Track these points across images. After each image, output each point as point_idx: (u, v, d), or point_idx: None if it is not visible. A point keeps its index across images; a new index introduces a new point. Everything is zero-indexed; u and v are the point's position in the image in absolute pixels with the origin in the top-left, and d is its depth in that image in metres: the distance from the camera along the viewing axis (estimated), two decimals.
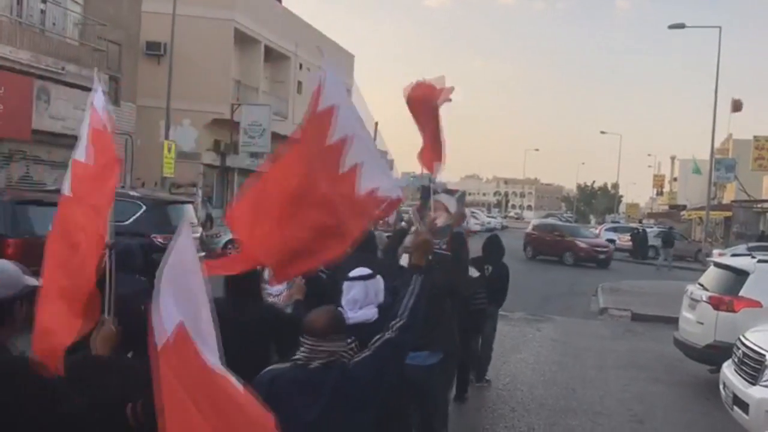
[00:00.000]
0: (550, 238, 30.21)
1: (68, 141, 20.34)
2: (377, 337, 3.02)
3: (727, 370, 7.18)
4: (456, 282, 5.47)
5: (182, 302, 2.20)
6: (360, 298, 3.97)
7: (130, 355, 3.25)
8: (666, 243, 30.08)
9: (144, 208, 13.18)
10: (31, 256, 9.71)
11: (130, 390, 2.50)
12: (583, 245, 29.22)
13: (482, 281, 7.36)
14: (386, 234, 8.05)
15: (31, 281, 2.68)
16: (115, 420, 2.45)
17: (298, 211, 3.10)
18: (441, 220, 5.45)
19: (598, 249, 29.45)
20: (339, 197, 3.14)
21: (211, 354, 2.22)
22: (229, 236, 18.45)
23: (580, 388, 8.90)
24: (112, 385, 2.65)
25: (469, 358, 7.54)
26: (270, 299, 4.85)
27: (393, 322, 3.01)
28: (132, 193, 14.68)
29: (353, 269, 4.09)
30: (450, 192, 6.91)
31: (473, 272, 6.62)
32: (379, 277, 4.14)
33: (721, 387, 7.29)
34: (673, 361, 10.37)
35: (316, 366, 2.82)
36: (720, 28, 31.33)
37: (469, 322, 6.78)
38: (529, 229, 32.98)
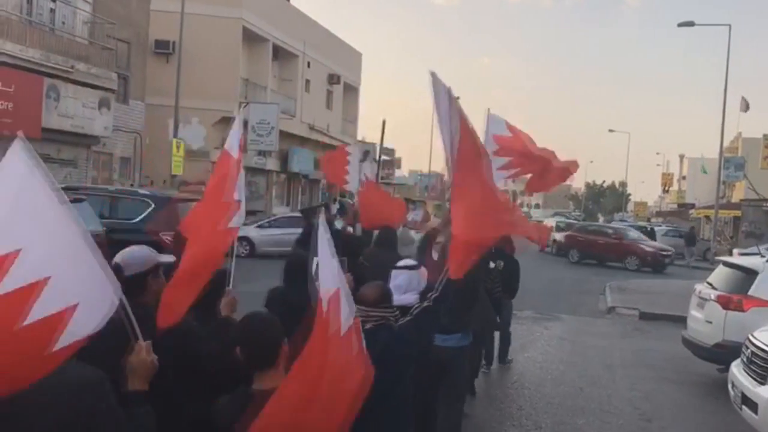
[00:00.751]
0: (604, 241, 28.39)
1: (77, 139, 20.56)
2: (417, 305, 3.86)
3: (736, 369, 7.15)
4: (481, 273, 6.13)
5: (331, 274, 2.73)
6: (404, 285, 4.51)
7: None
8: (689, 242, 30.02)
9: (153, 206, 13.24)
10: None
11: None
12: (649, 249, 27.57)
13: (496, 273, 8.03)
14: (412, 230, 8.58)
15: (165, 258, 3.28)
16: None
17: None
18: (443, 237, 5.85)
19: (664, 253, 27.96)
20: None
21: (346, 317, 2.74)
22: (240, 234, 18.48)
23: (587, 386, 8.89)
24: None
25: (485, 346, 8.28)
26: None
27: (430, 294, 3.85)
28: (141, 191, 14.76)
29: (376, 262, 4.87)
30: None
31: (490, 265, 7.35)
32: (423, 268, 4.71)
33: (729, 386, 7.27)
34: (681, 360, 10.34)
35: (369, 327, 3.38)
36: (730, 26, 31.19)
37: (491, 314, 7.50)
38: (571, 231, 31.07)
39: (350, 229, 8.95)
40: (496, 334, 9.03)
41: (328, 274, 2.75)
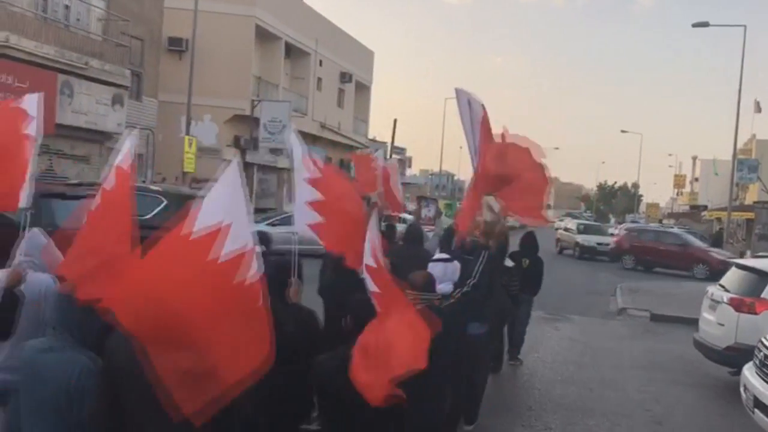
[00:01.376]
0: (666, 248, 26.76)
1: (91, 135, 20.67)
2: (458, 290, 4.66)
3: (748, 372, 7.10)
4: (498, 268, 6.57)
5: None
6: (439, 276, 4.91)
7: None
8: (716, 244, 29.95)
9: (165, 202, 13.28)
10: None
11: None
12: (719, 257, 24.90)
13: (515, 271, 8.48)
14: (425, 226, 9.36)
15: None
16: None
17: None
18: (488, 217, 6.45)
19: (731, 261, 26.16)
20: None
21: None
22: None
23: (598, 388, 8.86)
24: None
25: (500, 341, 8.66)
26: None
27: (468, 280, 4.63)
28: (153, 187, 14.81)
29: (404, 256, 5.45)
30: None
31: (508, 262, 7.80)
32: (456, 262, 5.24)
33: (741, 389, 7.22)
34: (692, 363, 10.29)
35: (418, 308, 3.85)
36: (745, 26, 30.99)
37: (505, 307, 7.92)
38: (624, 234, 29.80)
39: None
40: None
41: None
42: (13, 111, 4.21)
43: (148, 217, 12.72)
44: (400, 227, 10.51)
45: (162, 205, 13.24)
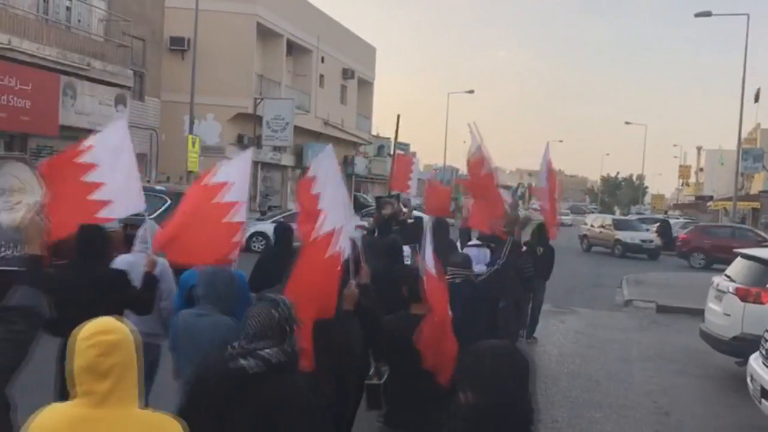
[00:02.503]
0: (740, 245, 23.41)
1: None
2: (489, 268, 5.81)
3: (755, 362, 7.09)
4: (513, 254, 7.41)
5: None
6: (474, 258, 5.64)
7: None
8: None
9: (169, 202, 13.32)
10: (58, 249, 9.92)
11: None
12: None
13: (529, 256, 9.22)
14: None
15: None
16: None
17: None
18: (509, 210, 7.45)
19: None
20: None
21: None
22: (254, 229, 18.57)
23: (604, 380, 8.85)
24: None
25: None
26: None
27: (498, 260, 5.73)
28: (157, 187, 14.85)
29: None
30: (506, 187, 9.10)
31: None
32: (485, 248, 6.52)
33: (748, 379, 7.22)
34: (699, 354, 10.27)
35: (458, 281, 4.98)
36: (748, 15, 30.76)
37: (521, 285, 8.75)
38: (692, 231, 28.05)
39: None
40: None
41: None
42: (207, 189, 4.74)
43: (153, 216, 12.81)
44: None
45: (166, 205, 13.29)
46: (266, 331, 2.78)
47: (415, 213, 13.10)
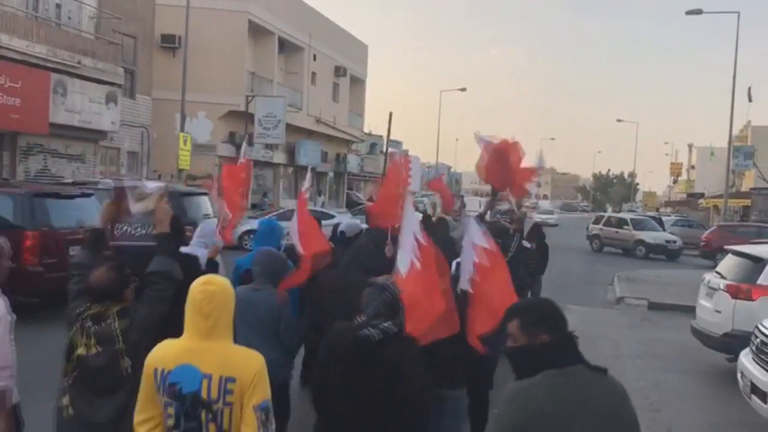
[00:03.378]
0: None
1: (85, 134, 20.61)
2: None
3: (745, 358, 7.12)
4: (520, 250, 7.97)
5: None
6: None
7: None
8: None
9: None
10: (49, 248, 9.94)
11: None
12: None
13: (532, 252, 9.60)
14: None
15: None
16: None
17: None
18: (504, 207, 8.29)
19: None
20: None
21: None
22: (246, 228, 18.53)
23: None
24: None
25: None
26: None
27: (508, 253, 6.21)
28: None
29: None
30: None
31: (526, 243, 8.76)
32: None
33: (738, 376, 7.25)
34: (690, 350, 10.30)
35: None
36: (738, 13, 30.97)
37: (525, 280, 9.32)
38: (716, 229, 27.34)
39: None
40: None
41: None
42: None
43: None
44: None
45: None
46: (380, 309, 3.46)
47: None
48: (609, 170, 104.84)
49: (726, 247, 10.69)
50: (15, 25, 17.55)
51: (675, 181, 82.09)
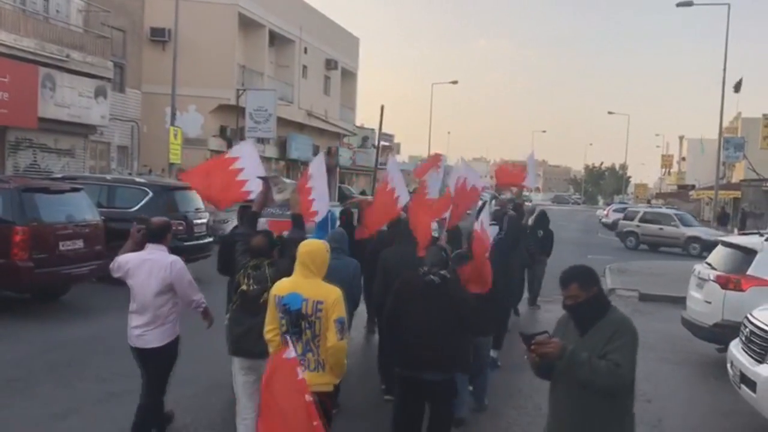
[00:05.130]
0: None
1: (74, 128, 20.49)
2: (495, 238, 7.66)
3: (735, 348, 7.17)
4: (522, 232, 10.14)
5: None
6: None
7: None
8: (743, 224, 31.19)
9: (151, 194, 13.22)
10: (38, 243, 9.93)
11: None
12: None
13: (532, 236, 11.93)
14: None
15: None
16: None
17: None
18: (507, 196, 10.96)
19: None
20: None
21: None
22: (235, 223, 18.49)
23: None
24: None
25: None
26: None
27: (500, 232, 8.59)
28: (139, 179, 14.73)
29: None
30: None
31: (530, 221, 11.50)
32: (495, 226, 8.59)
33: (728, 366, 7.29)
34: (680, 341, 10.37)
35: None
36: (729, 5, 30.99)
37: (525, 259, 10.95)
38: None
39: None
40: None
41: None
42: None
43: (134, 209, 12.71)
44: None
45: (148, 197, 13.20)
46: (437, 262, 4.98)
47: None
48: (602, 163, 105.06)
49: (717, 238, 10.73)
50: (2, 19, 17.41)
51: (667, 173, 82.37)
